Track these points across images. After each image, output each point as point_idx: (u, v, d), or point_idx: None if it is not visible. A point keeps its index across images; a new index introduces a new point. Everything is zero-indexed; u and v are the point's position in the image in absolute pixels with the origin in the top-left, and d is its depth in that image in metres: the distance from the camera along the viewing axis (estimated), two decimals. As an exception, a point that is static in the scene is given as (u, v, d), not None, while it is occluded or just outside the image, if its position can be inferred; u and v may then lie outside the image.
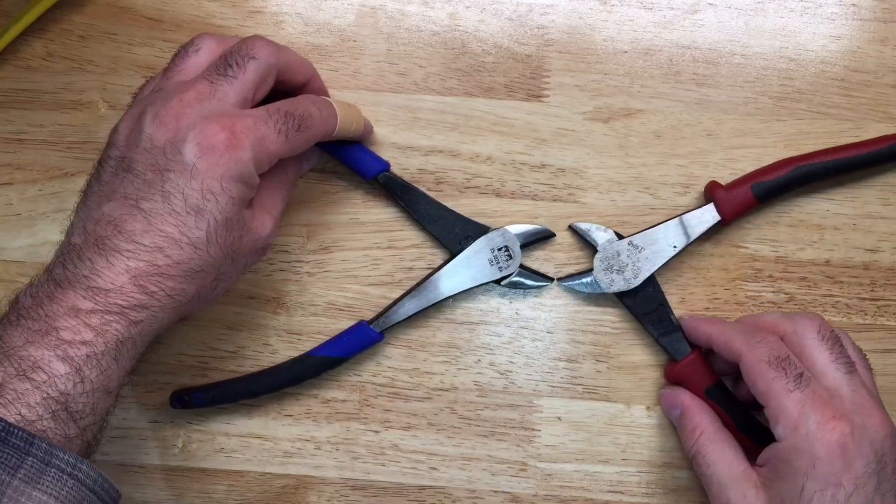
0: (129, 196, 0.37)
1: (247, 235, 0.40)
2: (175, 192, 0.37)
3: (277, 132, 0.40)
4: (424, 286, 0.47)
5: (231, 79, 0.40)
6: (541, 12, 0.50)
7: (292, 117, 0.40)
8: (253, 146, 0.38)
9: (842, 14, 0.50)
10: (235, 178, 0.38)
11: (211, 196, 0.37)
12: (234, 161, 0.38)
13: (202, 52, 0.41)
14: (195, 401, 0.48)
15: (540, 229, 0.48)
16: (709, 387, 0.46)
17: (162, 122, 0.38)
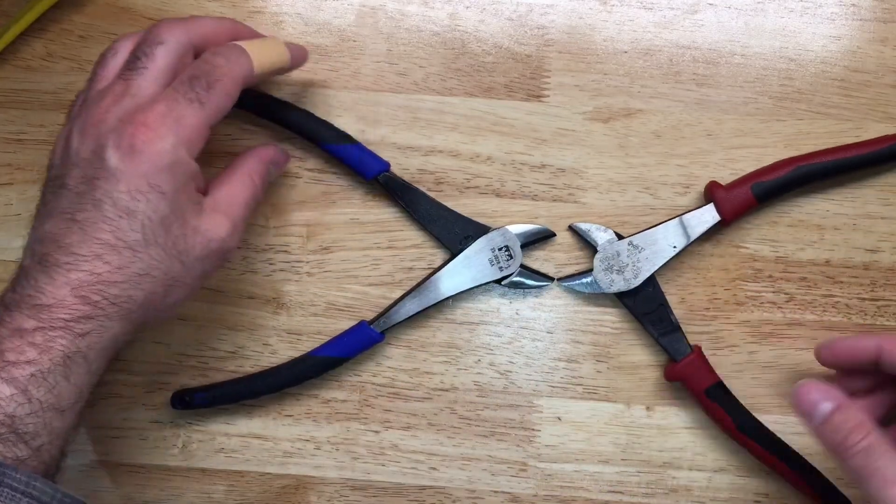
0: (65, 211, 0.37)
1: (195, 235, 0.38)
2: (104, 198, 0.36)
3: (189, 102, 0.38)
4: (425, 286, 0.47)
5: (142, 70, 0.38)
6: (541, 12, 0.50)
7: (197, 79, 0.38)
8: (172, 130, 0.37)
9: (842, 14, 0.50)
10: (163, 171, 0.37)
11: (140, 195, 0.36)
12: (156, 153, 0.36)
13: (119, 54, 0.40)
14: (196, 401, 0.48)
15: (540, 229, 0.48)
16: (709, 387, 0.46)
17: (85, 134, 0.38)
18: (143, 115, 0.37)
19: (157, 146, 0.37)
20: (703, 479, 0.48)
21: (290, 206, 0.50)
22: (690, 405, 0.48)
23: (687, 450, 0.48)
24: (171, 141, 0.37)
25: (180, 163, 0.37)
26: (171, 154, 0.37)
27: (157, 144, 0.37)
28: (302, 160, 0.50)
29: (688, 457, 0.48)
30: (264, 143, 0.46)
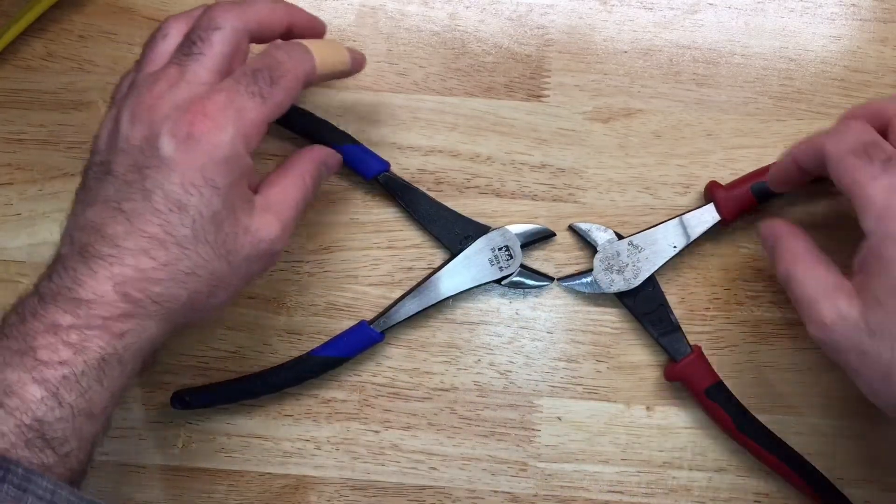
0: (111, 199, 0.35)
1: (245, 235, 0.37)
2: (155, 189, 0.34)
3: (252, 95, 0.36)
4: (425, 286, 0.47)
5: (198, 56, 0.37)
6: (541, 12, 0.50)
7: (261, 73, 0.37)
8: (232, 122, 0.35)
9: (842, 14, 0.50)
10: (220, 164, 0.35)
11: (194, 189, 0.35)
12: (214, 145, 0.35)
13: (170, 37, 0.38)
14: (196, 401, 0.48)
15: (540, 229, 0.48)
16: (709, 387, 0.46)
17: (136, 119, 0.36)
18: (202, 104, 0.35)
19: (216, 138, 0.35)
20: (703, 479, 0.48)
21: (290, 206, 0.50)
22: (690, 405, 0.49)
23: (687, 450, 0.48)
24: (231, 133, 0.35)
25: (237, 157, 0.36)
26: (230, 147, 0.35)
27: (215, 136, 0.35)
28: (302, 160, 0.50)
29: (688, 457, 0.48)
30: (316, 145, 0.45)
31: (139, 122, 0.36)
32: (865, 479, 0.48)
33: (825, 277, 0.38)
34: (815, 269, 0.38)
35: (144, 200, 0.35)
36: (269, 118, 0.37)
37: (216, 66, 0.37)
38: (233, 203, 0.36)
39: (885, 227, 0.35)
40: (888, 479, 0.48)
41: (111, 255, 0.34)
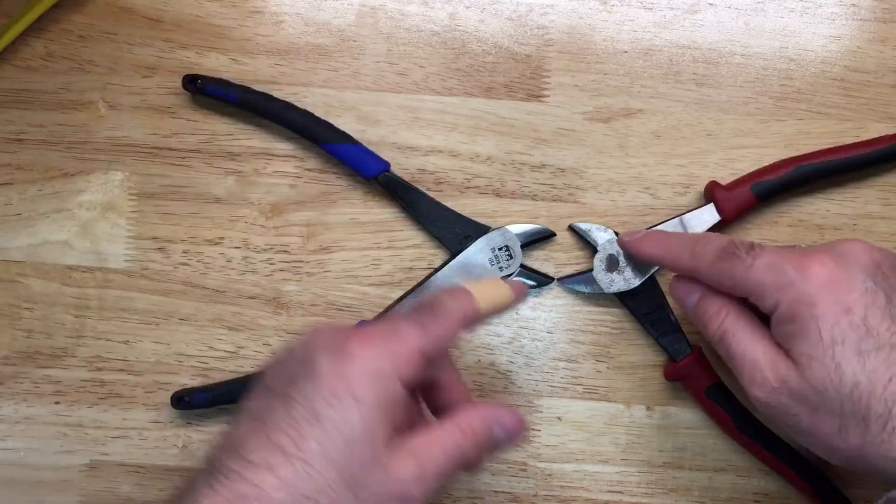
0: (258, 413, 0.34)
1: (377, 469, 0.32)
2: (299, 397, 0.33)
3: (411, 323, 0.35)
4: (425, 286, 0.47)
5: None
6: (541, 12, 0.50)
7: (424, 308, 0.36)
8: (386, 341, 0.34)
9: (842, 14, 0.50)
10: (365, 377, 0.33)
11: (335, 400, 0.32)
12: (363, 358, 0.33)
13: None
14: (196, 401, 0.48)
15: (540, 229, 0.48)
16: (709, 387, 0.46)
17: (302, 340, 0.36)
18: (363, 329, 0.35)
19: (367, 351, 0.33)
20: (703, 479, 0.48)
21: (290, 206, 0.50)
22: (690, 405, 0.48)
23: (687, 450, 0.48)
24: (382, 350, 0.34)
25: (385, 377, 0.33)
26: (378, 362, 0.33)
27: (367, 350, 0.34)
28: (302, 160, 0.50)
29: (688, 457, 0.48)
30: (496, 404, 0.40)
31: (302, 344, 0.35)
32: (865, 479, 0.48)
33: (765, 340, 0.39)
34: (756, 329, 0.39)
35: (285, 410, 0.33)
36: (426, 349, 0.35)
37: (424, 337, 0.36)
38: (372, 428, 0.33)
39: (783, 295, 0.37)
40: (888, 479, 0.48)
41: (235, 470, 0.32)
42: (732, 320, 0.40)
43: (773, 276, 0.38)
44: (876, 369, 0.35)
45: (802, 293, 0.37)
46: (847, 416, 0.36)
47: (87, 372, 0.49)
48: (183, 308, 0.50)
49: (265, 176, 0.50)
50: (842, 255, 0.38)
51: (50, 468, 0.49)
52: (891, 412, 0.35)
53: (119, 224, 0.50)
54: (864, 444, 0.36)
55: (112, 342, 0.49)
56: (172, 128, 0.50)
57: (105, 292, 0.50)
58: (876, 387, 0.35)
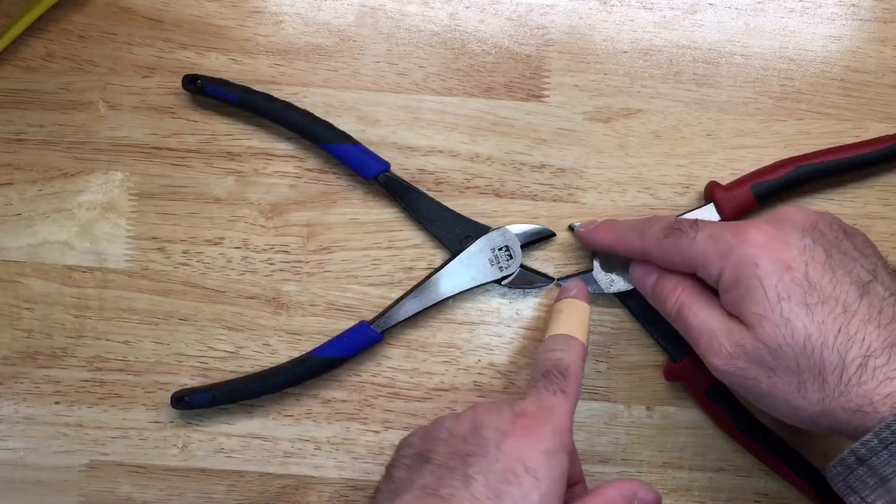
0: (428, 486, 0.35)
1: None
2: (477, 475, 0.34)
3: (553, 393, 0.38)
4: (425, 286, 0.47)
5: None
6: (541, 12, 0.50)
7: (552, 373, 0.40)
8: (548, 420, 0.37)
9: (842, 14, 0.50)
10: (542, 455, 0.35)
11: (514, 478, 0.34)
12: (537, 438, 0.36)
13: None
14: (196, 401, 0.48)
15: (540, 229, 0.48)
16: (709, 387, 0.46)
17: (461, 417, 0.38)
18: (518, 407, 0.37)
19: (538, 432, 0.36)
20: (703, 479, 0.48)
21: (290, 206, 0.50)
22: (690, 405, 0.48)
23: (687, 450, 0.48)
24: (549, 428, 0.36)
25: (557, 452, 0.36)
26: (551, 440, 0.36)
27: (537, 430, 0.36)
28: (302, 160, 0.50)
29: (688, 457, 0.48)
30: (632, 479, 0.44)
31: (463, 419, 0.38)
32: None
33: (717, 310, 0.40)
34: (711, 302, 0.40)
35: (464, 486, 0.34)
36: (573, 410, 0.39)
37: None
38: (549, 500, 0.35)
39: (727, 262, 0.38)
40: (888, 479, 0.48)
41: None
42: (687, 295, 0.41)
43: (714, 245, 0.39)
44: (824, 321, 0.36)
45: (743, 256, 0.38)
46: (804, 371, 0.36)
47: (86, 372, 0.49)
48: (183, 308, 0.50)
49: (265, 176, 0.50)
50: (778, 219, 0.39)
51: (50, 468, 0.49)
52: (844, 362, 0.36)
53: (119, 224, 0.50)
54: (823, 398, 0.36)
55: (112, 342, 0.49)
56: (172, 128, 0.50)
57: (105, 292, 0.50)
58: (827, 338, 0.36)
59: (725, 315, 0.39)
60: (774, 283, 0.37)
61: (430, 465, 0.36)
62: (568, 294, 0.46)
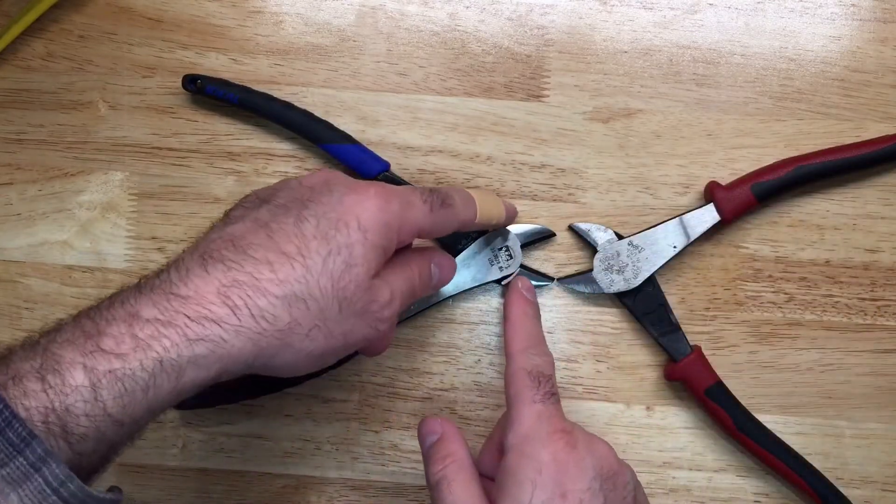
0: (260, 219, 0.35)
1: (363, 290, 0.36)
2: (311, 217, 0.35)
3: (423, 201, 0.39)
4: (424, 286, 0.47)
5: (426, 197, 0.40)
6: (541, 12, 0.50)
7: (437, 194, 0.40)
8: (400, 205, 0.37)
9: (842, 14, 0.50)
10: (378, 222, 0.36)
11: (345, 229, 0.35)
12: (380, 208, 0.36)
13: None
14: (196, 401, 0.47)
15: (540, 229, 0.48)
16: (709, 387, 0.46)
17: (315, 175, 0.39)
18: (381, 186, 0.38)
19: (385, 204, 0.36)
20: (703, 479, 0.48)
21: (290, 206, 0.50)
22: (690, 405, 0.49)
23: (687, 450, 0.48)
24: (397, 210, 0.37)
25: (390, 230, 0.37)
26: (392, 216, 0.37)
27: (385, 203, 0.36)
28: (302, 160, 0.50)
29: (688, 457, 0.48)
30: (434, 248, 0.45)
31: (317, 177, 0.38)
32: (865, 480, 0.48)
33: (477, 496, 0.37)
34: (471, 484, 0.38)
35: (295, 225, 0.35)
36: (423, 228, 0.39)
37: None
38: (369, 258, 0.36)
39: (524, 446, 0.37)
40: (888, 479, 0.48)
41: (234, 260, 0.33)
42: (456, 469, 0.38)
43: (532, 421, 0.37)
44: None
45: (536, 454, 0.36)
46: None
47: (87, 372, 0.49)
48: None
49: (265, 176, 0.50)
50: (590, 446, 0.37)
51: (50, 468, 0.49)
52: None
53: (119, 224, 0.50)
54: None
55: (112, 342, 0.49)
56: (172, 128, 0.50)
57: (105, 292, 0.49)
58: None
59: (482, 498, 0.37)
60: (541, 500, 0.35)
61: (268, 205, 0.36)
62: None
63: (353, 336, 0.36)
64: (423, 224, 0.38)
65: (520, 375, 0.39)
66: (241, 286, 0.33)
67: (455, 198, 0.41)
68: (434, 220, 0.39)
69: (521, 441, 0.37)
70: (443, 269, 0.43)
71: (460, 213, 0.41)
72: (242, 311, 0.32)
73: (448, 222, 0.40)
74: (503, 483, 0.36)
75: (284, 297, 0.33)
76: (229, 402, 0.49)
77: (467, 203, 0.42)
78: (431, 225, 0.39)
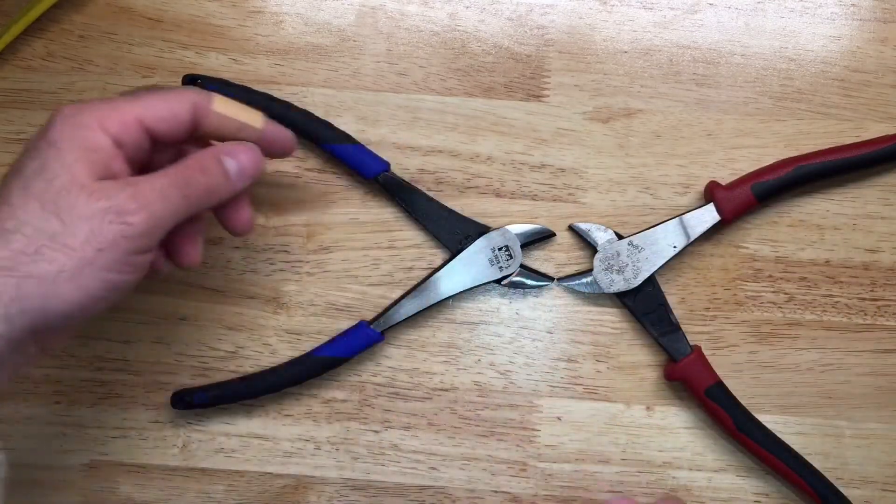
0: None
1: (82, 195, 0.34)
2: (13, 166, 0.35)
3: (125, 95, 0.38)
4: (425, 286, 0.47)
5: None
6: (541, 12, 0.50)
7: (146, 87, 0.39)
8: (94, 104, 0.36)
9: (842, 14, 0.50)
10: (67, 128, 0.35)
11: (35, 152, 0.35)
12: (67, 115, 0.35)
13: None
14: (196, 401, 0.48)
15: (540, 229, 0.48)
16: (709, 387, 0.46)
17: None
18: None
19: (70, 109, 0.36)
20: (703, 479, 0.48)
21: (290, 206, 0.50)
22: (690, 405, 0.48)
23: (687, 450, 0.48)
24: (87, 109, 0.36)
25: (85, 127, 0.35)
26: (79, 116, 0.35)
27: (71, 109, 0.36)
28: (302, 160, 0.50)
29: (688, 457, 0.48)
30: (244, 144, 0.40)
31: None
32: (865, 480, 0.48)
33: None
34: None
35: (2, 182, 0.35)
36: (141, 117, 0.36)
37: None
38: (69, 164, 0.34)
39: None
40: (888, 479, 0.48)
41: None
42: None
43: None
44: None
45: None
46: None
47: (86, 372, 0.49)
48: (183, 308, 0.50)
49: (265, 176, 0.50)
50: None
51: (50, 468, 0.49)
52: None
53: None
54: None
55: (112, 342, 0.49)
56: (172, 128, 0.50)
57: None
58: None
59: None
60: None
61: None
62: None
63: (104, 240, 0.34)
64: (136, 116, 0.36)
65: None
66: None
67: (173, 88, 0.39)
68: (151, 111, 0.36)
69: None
70: (240, 157, 0.39)
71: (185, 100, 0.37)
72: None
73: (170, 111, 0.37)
74: None
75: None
76: (229, 402, 0.49)
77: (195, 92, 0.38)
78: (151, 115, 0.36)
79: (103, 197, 0.34)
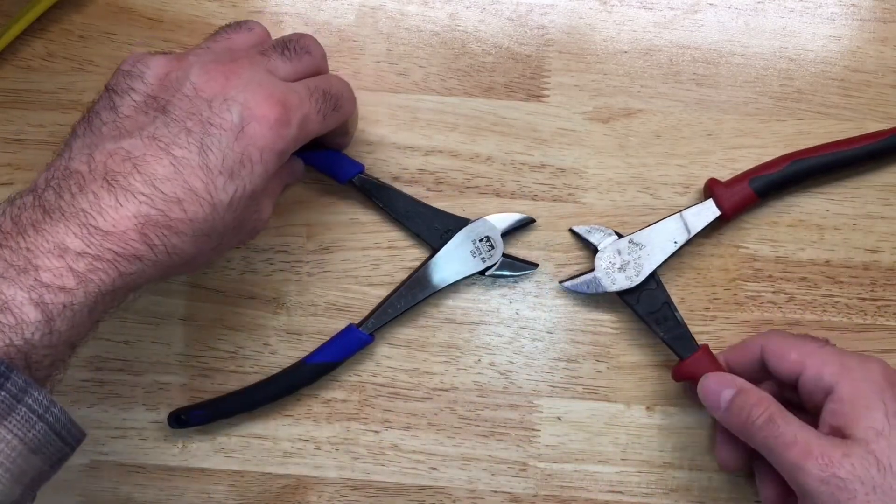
0: (160, 138, 0.35)
1: (256, 214, 0.40)
2: (214, 148, 0.36)
3: (317, 111, 0.39)
4: (410, 284, 0.47)
5: (286, 59, 0.40)
6: (541, 12, 0.50)
7: (330, 97, 0.40)
8: (299, 125, 0.38)
9: (842, 14, 0.50)
10: (276, 154, 0.37)
11: (249, 164, 0.36)
12: (280, 137, 0.37)
13: (254, 32, 0.41)
14: (193, 419, 0.47)
15: (520, 217, 0.48)
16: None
17: (211, 76, 0.37)
18: (283, 95, 0.38)
19: (285, 131, 0.37)
20: (704, 479, 0.48)
21: (290, 206, 0.50)
22: (690, 405, 0.48)
23: (687, 450, 0.48)
24: (295, 132, 0.38)
25: (288, 153, 0.39)
26: (289, 143, 0.38)
27: (285, 129, 0.37)
28: (302, 160, 0.50)
29: (688, 457, 0.48)
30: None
31: (212, 79, 0.37)
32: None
33: (806, 424, 0.40)
34: (794, 418, 0.40)
35: (200, 155, 0.35)
36: (318, 135, 0.41)
37: (294, 75, 0.40)
38: (266, 187, 0.38)
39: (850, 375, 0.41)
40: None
41: (144, 194, 0.34)
42: (777, 407, 0.41)
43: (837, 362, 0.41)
44: None
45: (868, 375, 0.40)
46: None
47: (86, 372, 0.49)
48: (183, 308, 0.50)
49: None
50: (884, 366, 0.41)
51: (50, 468, 0.49)
52: None
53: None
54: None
55: (112, 342, 0.49)
56: (172, 128, 0.50)
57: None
58: None
59: (816, 429, 0.40)
60: (894, 409, 0.39)
61: (165, 117, 0.36)
62: None
63: (240, 244, 0.43)
64: (316, 133, 0.40)
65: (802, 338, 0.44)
66: (156, 225, 0.34)
67: (345, 97, 0.42)
68: (326, 126, 0.41)
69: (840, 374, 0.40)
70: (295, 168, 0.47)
71: (347, 111, 0.43)
72: (159, 249, 0.35)
73: (336, 124, 0.42)
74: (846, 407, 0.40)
75: (193, 235, 0.36)
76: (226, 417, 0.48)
77: (352, 101, 0.43)
78: (323, 131, 0.41)
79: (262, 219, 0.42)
